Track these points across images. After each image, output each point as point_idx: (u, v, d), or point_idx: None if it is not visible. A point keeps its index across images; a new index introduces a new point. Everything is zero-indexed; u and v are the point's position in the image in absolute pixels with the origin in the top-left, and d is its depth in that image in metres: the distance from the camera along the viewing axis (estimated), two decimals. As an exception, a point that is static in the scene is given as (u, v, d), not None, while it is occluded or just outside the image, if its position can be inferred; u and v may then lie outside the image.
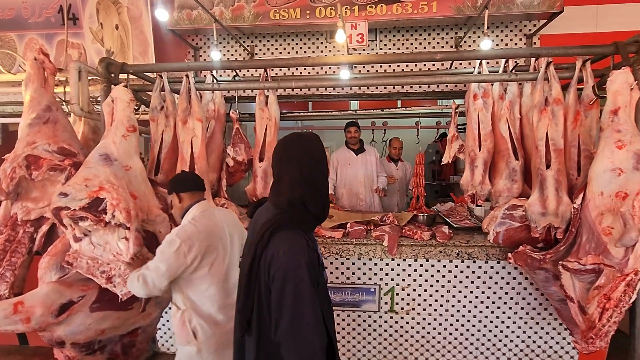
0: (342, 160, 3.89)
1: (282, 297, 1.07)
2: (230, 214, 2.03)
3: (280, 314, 1.07)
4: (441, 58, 2.13)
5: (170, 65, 2.36)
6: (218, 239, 1.83)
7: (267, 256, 1.11)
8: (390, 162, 4.21)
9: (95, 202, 1.87)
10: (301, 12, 3.03)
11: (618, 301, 1.81)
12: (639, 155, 1.83)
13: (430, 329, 2.65)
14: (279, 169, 1.23)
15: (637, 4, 3.22)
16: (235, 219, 2.03)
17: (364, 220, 2.78)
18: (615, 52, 2.04)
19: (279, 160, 1.24)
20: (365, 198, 3.80)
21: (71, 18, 3.18)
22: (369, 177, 3.83)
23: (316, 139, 1.27)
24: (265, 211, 1.27)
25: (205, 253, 1.76)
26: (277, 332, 1.08)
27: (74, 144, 2.13)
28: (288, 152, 1.22)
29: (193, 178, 1.97)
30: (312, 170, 1.21)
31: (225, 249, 1.85)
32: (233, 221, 1.98)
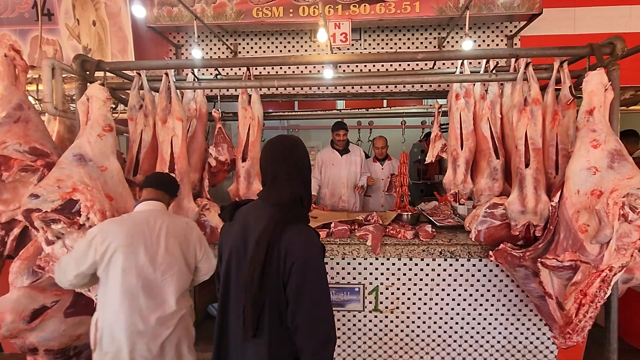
0: (327, 160, 3.88)
1: (303, 285, 1.16)
2: (178, 224, 1.80)
3: (301, 300, 1.16)
4: (422, 58, 2.14)
5: (149, 62, 2.31)
6: (142, 245, 1.65)
7: (280, 250, 1.17)
8: (375, 162, 4.19)
9: (69, 204, 1.81)
10: (284, 11, 3.01)
11: (594, 297, 1.85)
12: (613, 155, 1.87)
13: (414, 327, 2.66)
14: (274, 169, 1.29)
15: (613, 6, 3.31)
16: (183, 229, 1.80)
17: (349, 220, 2.78)
18: (591, 53, 2.08)
19: (273, 161, 1.30)
20: (348, 199, 3.79)
21: (46, 14, 3.07)
22: (352, 178, 3.82)
23: (300, 140, 1.38)
24: (260, 210, 1.29)
25: (118, 254, 1.60)
26: (296, 318, 1.17)
27: (46, 144, 2.06)
28: (281, 153, 1.30)
29: (158, 177, 1.92)
30: (304, 168, 1.32)
31: (150, 259, 1.66)
32: (177, 232, 1.77)
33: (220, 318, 1.31)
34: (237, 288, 1.27)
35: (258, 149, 2.66)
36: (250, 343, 1.21)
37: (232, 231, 1.32)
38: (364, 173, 3.90)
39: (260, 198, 1.32)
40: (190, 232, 1.84)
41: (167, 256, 1.71)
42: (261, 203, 1.31)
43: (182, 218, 1.92)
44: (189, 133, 2.76)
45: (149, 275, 1.66)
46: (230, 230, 1.33)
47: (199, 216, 2.41)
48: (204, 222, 2.43)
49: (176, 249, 1.75)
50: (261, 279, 1.17)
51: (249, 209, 1.33)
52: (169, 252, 1.72)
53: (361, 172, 3.88)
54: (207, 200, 2.57)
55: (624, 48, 2.01)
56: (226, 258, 1.31)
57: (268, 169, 1.31)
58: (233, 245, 1.29)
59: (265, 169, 1.32)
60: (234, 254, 1.28)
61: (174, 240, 1.75)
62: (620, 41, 2.01)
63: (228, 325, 1.29)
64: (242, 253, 1.26)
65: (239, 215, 1.33)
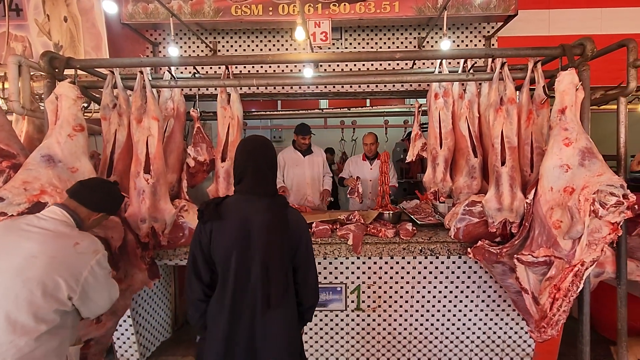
0: (290, 160, 3.78)
1: (309, 250, 1.56)
2: (65, 239, 1.43)
3: (309, 261, 1.55)
4: (400, 57, 2.15)
5: (122, 60, 2.23)
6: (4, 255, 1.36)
7: (291, 227, 1.48)
8: (364, 161, 3.94)
9: (36, 207, 1.74)
10: (264, 9, 2.97)
11: (567, 291, 1.90)
12: (584, 152, 1.92)
13: (396, 325, 2.68)
14: (255, 165, 1.49)
15: (585, 9, 3.42)
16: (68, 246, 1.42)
17: (330, 219, 2.77)
18: (562, 54, 2.14)
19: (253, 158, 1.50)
20: (313, 199, 3.75)
21: (14, 9, 2.93)
22: (316, 178, 3.76)
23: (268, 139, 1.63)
24: (254, 203, 1.47)
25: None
26: (308, 275, 1.55)
27: (12, 144, 1.97)
28: (258, 150, 1.53)
29: (83, 182, 1.65)
30: (275, 165, 1.59)
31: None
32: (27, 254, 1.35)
33: (231, 301, 1.43)
34: (244, 274, 1.43)
35: (238, 148, 2.62)
36: (271, 314, 1.43)
37: (227, 227, 1.43)
38: (326, 174, 3.85)
39: (247, 192, 1.48)
40: (59, 265, 1.36)
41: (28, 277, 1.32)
42: (250, 196, 1.47)
43: (67, 246, 1.43)
44: (167, 133, 2.69)
45: None
46: (223, 227, 1.43)
47: (177, 218, 2.35)
48: (182, 224, 2.37)
49: (9, 275, 1.31)
50: (281, 255, 1.44)
51: (240, 204, 1.47)
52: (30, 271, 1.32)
53: (324, 173, 3.83)
54: (185, 202, 2.51)
55: (594, 49, 2.07)
56: (224, 252, 1.43)
57: (248, 164, 1.49)
58: (233, 239, 1.42)
59: (244, 163, 1.49)
60: (236, 246, 1.42)
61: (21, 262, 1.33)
62: (589, 42, 2.07)
63: (238, 306, 1.43)
64: (246, 243, 1.42)
65: (230, 212, 1.45)
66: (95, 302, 1.48)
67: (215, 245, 1.43)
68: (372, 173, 3.85)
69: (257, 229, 1.42)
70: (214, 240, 1.43)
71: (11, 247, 1.37)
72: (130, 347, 2.80)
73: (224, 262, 1.43)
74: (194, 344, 3.09)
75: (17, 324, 1.28)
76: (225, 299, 1.43)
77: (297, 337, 1.55)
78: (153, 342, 3.03)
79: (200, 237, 1.45)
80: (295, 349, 1.52)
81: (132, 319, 2.72)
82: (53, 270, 1.34)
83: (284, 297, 1.44)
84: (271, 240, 1.43)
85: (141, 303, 2.84)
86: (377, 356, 2.72)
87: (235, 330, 1.43)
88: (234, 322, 1.43)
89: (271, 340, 1.44)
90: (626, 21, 3.34)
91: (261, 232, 1.43)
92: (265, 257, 1.42)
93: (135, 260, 2.19)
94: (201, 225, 1.46)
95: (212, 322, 1.46)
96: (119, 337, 2.78)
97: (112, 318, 2.21)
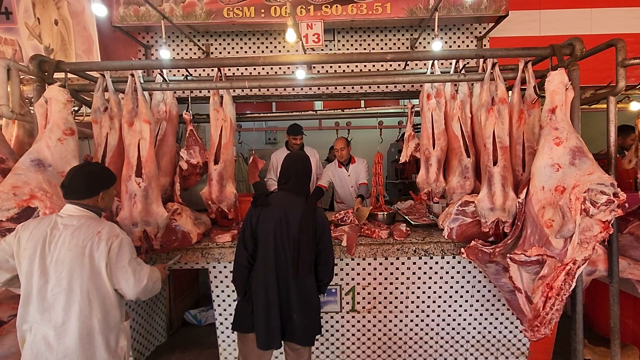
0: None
1: (330, 240, 2.07)
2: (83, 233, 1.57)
3: (329, 248, 2.05)
4: (392, 58, 2.16)
5: (112, 63, 2.22)
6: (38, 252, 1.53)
7: (317, 221, 1.98)
8: (340, 168, 3.73)
9: (26, 212, 1.72)
10: (256, 11, 2.97)
11: (559, 289, 1.91)
12: (574, 151, 1.94)
13: (392, 326, 2.68)
14: (296, 173, 2.09)
15: (576, 10, 3.44)
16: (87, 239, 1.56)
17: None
18: (552, 54, 2.15)
19: (294, 167, 2.11)
20: None
21: (3, 12, 2.91)
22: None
23: (307, 155, 2.28)
24: (292, 199, 2.02)
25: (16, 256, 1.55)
26: (329, 260, 2.05)
27: (1, 149, 1.96)
28: (302, 163, 2.14)
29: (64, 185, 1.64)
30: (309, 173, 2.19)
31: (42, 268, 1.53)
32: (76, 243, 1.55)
33: (272, 267, 1.95)
34: (281, 248, 1.95)
35: (230, 151, 2.61)
36: (297, 281, 1.96)
37: (272, 213, 1.96)
38: (319, 175, 3.80)
39: (288, 190, 2.06)
40: (96, 245, 1.56)
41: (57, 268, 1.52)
42: (290, 194, 2.04)
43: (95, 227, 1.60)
44: (159, 136, 2.68)
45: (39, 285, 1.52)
46: (269, 213, 1.96)
47: (170, 221, 2.33)
48: (175, 227, 2.36)
49: (67, 261, 1.52)
50: (312, 240, 1.95)
51: (282, 198, 2.02)
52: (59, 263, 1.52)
53: (317, 174, 3.78)
54: (178, 205, 2.50)
55: (583, 49, 2.09)
56: (266, 232, 1.95)
57: (291, 171, 2.09)
58: (276, 222, 1.95)
59: (289, 171, 2.09)
60: (277, 228, 1.94)
61: (67, 252, 1.53)
62: (579, 42, 2.09)
63: (277, 271, 1.95)
64: (285, 227, 1.95)
65: (275, 202, 1.99)
66: (125, 282, 1.63)
67: (260, 225, 1.96)
68: (350, 179, 3.68)
69: (293, 218, 1.96)
70: (260, 221, 1.96)
71: (64, 242, 1.54)
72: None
73: (266, 238, 1.95)
74: (189, 348, 3.09)
75: (92, 303, 1.56)
76: (267, 266, 1.95)
77: (317, 300, 2.06)
78: (147, 346, 3.00)
79: (251, 217, 1.98)
80: (315, 307, 2.05)
81: (125, 324, 2.69)
82: (91, 259, 1.55)
83: (309, 270, 1.94)
84: (302, 227, 1.94)
85: (135, 307, 2.82)
86: (372, 357, 2.72)
87: (273, 289, 1.94)
88: (272, 283, 1.94)
89: (298, 299, 1.97)
90: (616, 21, 3.37)
91: (296, 221, 1.95)
92: (297, 238, 1.94)
93: (127, 264, 2.17)
94: (253, 209, 1.99)
95: (257, 282, 1.97)
96: (112, 342, 2.75)
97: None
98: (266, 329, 1.96)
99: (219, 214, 2.71)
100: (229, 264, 2.57)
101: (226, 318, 2.68)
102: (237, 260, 2.01)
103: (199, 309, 3.61)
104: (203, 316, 3.52)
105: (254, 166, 3.08)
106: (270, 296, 1.95)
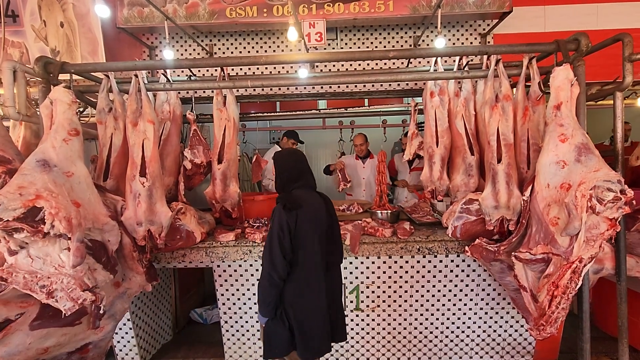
0: None
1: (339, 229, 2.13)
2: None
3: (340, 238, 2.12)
4: (394, 56, 2.14)
5: (116, 64, 2.24)
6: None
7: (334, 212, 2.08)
8: (357, 160, 4.18)
9: (32, 212, 1.73)
10: (258, 10, 2.98)
11: (565, 288, 1.89)
12: (580, 148, 1.91)
13: (396, 325, 2.67)
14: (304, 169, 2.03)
15: (581, 5, 3.40)
16: None
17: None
18: (557, 49, 2.12)
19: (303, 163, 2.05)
20: None
21: (10, 15, 2.95)
22: None
23: None
24: (314, 195, 2.00)
25: None
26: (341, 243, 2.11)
27: (8, 150, 1.97)
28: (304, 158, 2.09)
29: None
30: None
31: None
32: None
33: (322, 266, 1.91)
34: (322, 247, 1.90)
35: (234, 150, 2.62)
36: (329, 272, 1.96)
37: (306, 214, 1.86)
38: None
39: (306, 187, 2.00)
40: None
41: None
42: (309, 190, 2.00)
43: None
44: (163, 136, 2.70)
45: None
46: (305, 213, 1.85)
47: (174, 220, 2.35)
48: (179, 227, 2.37)
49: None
50: (335, 229, 2.05)
51: (306, 195, 1.94)
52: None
53: None
54: (182, 204, 2.51)
55: (588, 44, 2.06)
56: (307, 234, 1.85)
57: (301, 166, 2.03)
58: (313, 222, 1.89)
59: (297, 168, 2.01)
60: (316, 228, 1.89)
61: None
62: (584, 37, 2.06)
63: (320, 275, 1.90)
64: (319, 224, 1.92)
65: (304, 201, 1.88)
66: None
67: (299, 227, 1.83)
68: (364, 172, 4.08)
69: (320, 213, 1.95)
70: (299, 224, 1.83)
71: None
72: (130, 350, 2.81)
73: (309, 240, 1.85)
74: (195, 346, 3.11)
75: None
76: (312, 269, 1.87)
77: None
78: (154, 344, 3.03)
79: (289, 223, 1.81)
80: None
81: (132, 322, 2.72)
82: None
83: (341, 259, 2.10)
84: (330, 221, 2.00)
85: (141, 306, 2.84)
86: (377, 356, 2.71)
87: (322, 293, 1.90)
88: (322, 287, 1.90)
89: (338, 295, 2.04)
90: (622, 16, 3.31)
91: (323, 216, 1.96)
92: (329, 231, 1.97)
93: (132, 263, 2.19)
94: (287, 213, 1.82)
95: (298, 291, 1.86)
96: (119, 341, 2.78)
97: (111, 322, 2.21)
98: (320, 336, 1.88)
99: (223, 213, 2.72)
100: (233, 263, 2.58)
101: (231, 317, 2.69)
102: (274, 275, 1.80)
103: (204, 307, 3.63)
104: (209, 315, 3.55)
105: (258, 165, 3.09)
106: (321, 300, 1.88)
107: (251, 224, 2.67)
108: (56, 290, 1.77)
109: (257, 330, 2.71)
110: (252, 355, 2.75)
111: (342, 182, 3.78)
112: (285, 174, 2.01)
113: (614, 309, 2.24)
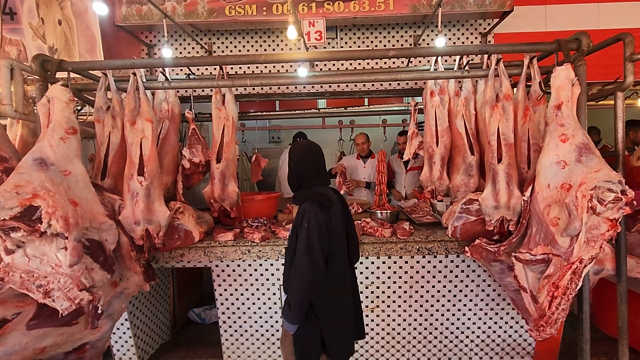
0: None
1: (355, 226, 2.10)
2: None
3: None
4: (394, 55, 2.13)
5: (114, 62, 2.22)
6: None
7: None
8: (358, 160, 4.17)
9: (29, 211, 1.72)
10: (257, 9, 2.96)
11: (565, 289, 1.88)
12: (580, 148, 1.90)
13: (395, 325, 2.66)
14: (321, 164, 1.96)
15: (582, 4, 3.39)
16: None
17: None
18: (558, 49, 2.11)
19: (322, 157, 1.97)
20: None
21: (8, 13, 2.93)
22: None
23: None
24: (328, 190, 1.94)
25: None
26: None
27: (5, 148, 1.96)
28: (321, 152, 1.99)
29: None
30: None
31: None
32: None
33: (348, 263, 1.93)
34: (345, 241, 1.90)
35: (233, 149, 2.61)
36: (350, 269, 1.96)
37: (335, 211, 1.83)
38: None
39: (325, 183, 1.96)
40: None
41: None
42: (327, 186, 1.98)
43: None
44: (162, 135, 2.69)
45: None
46: (335, 210, 1.84)
47: (173, 220, 2.34)
48: (177, 226, 2.36)
49: None
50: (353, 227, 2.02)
51: (328, 192, 1.92)
52: None
53: None
54: (180, 204, 2.50)
55: (589, 43, 2.05)
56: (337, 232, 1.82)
57: (318, 162, 1.94)
58: (340, 216, 1.88)
59: (315, 164, 1.92)
60: (341, 224, 1.88)
61: None
62: (585, 37, 2.05)
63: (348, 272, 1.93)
64: (343, 218, 1.92)
65: (332, 199, 1.86)
66: None
67: (334, 226, 1.81)
68: (365, 171, 4.06)
69: (342, 207, 1.95)
70: (333, 222, 1.81)
71: None
72: (128, 350, 2.79)
73: (340, 236, 1.85)
74: (193, 346, 3.10)
75: None
76: (342, 267, 1.88)
77: None
78: (152, 344, 3.02)
79: (327, 222, 1.77)
80: None
81: (130, 322, 2.71)
82: None
83: (359, 255, 2.08)
84: (348, 216, 1.99)
85: (139, 306, 2.83)
86: (376, 356, 2.70)
87: (349, 291, 1.92)
88: (350, 284, 1.93)
89: (356, 285, 2.02)
90: (623, 15, 3.30)
91: (343, 210, 1.96)
92: (351, 226, 1.98)
93: (130, 263, 2.17)
94: (321, 212, 1.76)
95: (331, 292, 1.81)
96: (116, 341, 2.77)
97: (108, 322, 2.20)
98: (349, 335, 1.90)
99: (222, 213, 2.71)
100: (231, 263, 2.57)
101: (229, 317, 2.68)
102: (317, 277, 1.69)
103: (202, 307, 3.62)
104: (207, 314, 3.53)
105: (257, 165, 3.08)
106: (347, 298, 1.89)
107: (250, 224, 2.66)
108: (53, 290, 1.76)
109: (255, 331, 2.70)
110: (251, 356, 2.74)
111: (344, 185, 3.74)
112: (307, 169, 1.90)
113: (614, 309, 2.23)
